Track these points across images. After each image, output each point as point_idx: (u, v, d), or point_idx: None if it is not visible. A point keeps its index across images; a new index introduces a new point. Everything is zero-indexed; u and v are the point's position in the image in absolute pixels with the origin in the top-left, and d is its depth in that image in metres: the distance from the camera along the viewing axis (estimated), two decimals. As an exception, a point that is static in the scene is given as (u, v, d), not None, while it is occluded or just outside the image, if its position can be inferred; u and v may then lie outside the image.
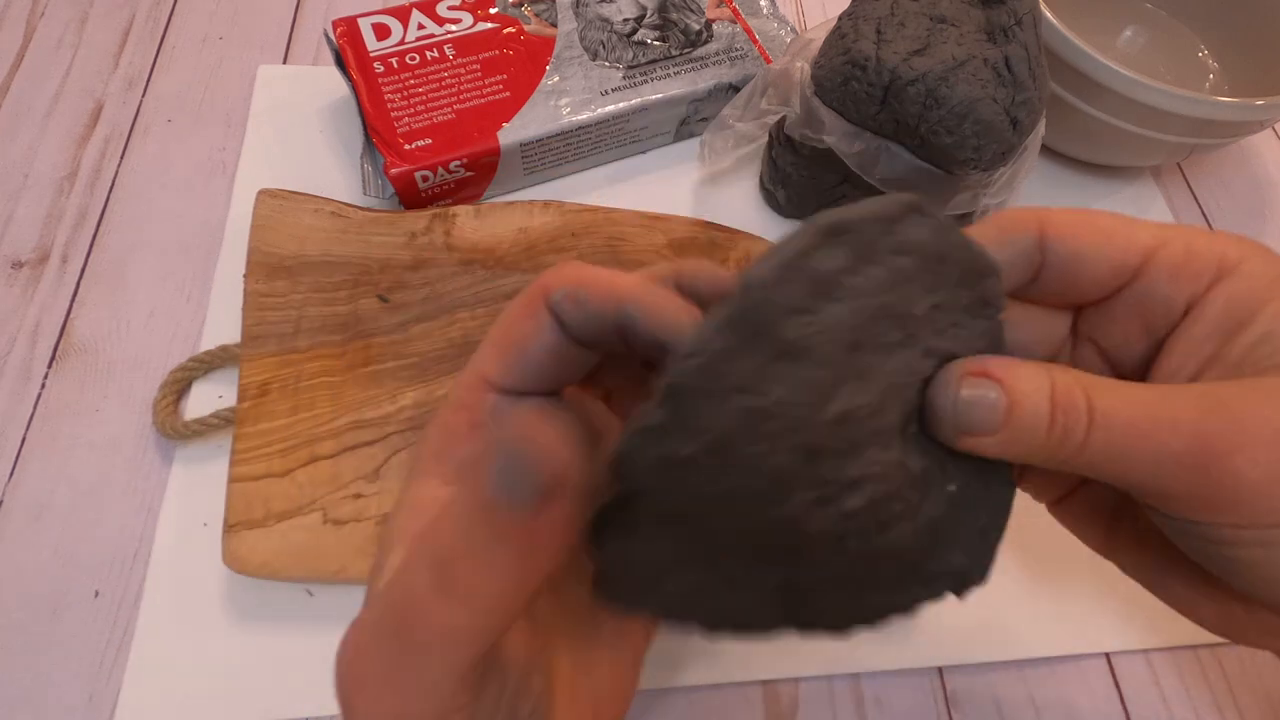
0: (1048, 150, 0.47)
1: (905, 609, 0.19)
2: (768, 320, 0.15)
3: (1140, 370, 0.20)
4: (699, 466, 0.16)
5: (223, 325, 0.37)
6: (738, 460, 0.16)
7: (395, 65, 0.41)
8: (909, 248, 0.17)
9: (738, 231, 0.40)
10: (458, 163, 0.39)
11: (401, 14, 0.43)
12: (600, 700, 0.20)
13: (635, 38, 0.44)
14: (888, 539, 0.18)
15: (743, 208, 0.44)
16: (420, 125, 0.40)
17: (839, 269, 0.16)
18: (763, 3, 0.47)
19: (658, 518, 0.17)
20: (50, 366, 0.36)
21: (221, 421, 0.34)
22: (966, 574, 0.20)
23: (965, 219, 0.39)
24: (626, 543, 0.17)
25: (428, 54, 0.42)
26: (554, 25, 0.44)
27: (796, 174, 0.41)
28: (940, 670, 0.33)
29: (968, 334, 0.18)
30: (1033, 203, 0.45)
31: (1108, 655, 0.34)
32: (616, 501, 0.17)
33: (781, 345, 0.15)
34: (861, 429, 0.17)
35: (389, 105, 0.40)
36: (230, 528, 0.30)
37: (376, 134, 0.39)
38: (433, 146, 0.39)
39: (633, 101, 0.42)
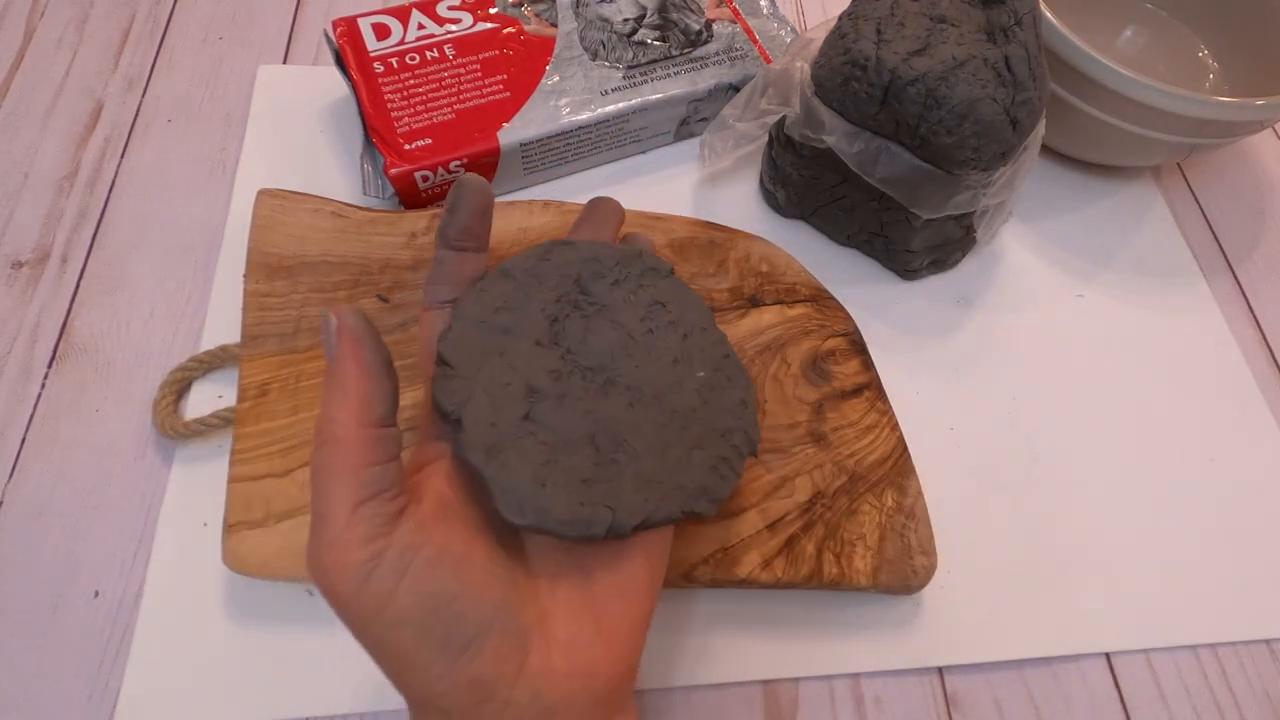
0: (1048, 150, 0.47)
1: (730, 463, 0.26)
2: (482, 317, 0.25)
3: None
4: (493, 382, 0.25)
5: (223, 325, 0.37)
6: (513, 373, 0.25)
7: (395, 65, 0.41)
8: (563, 263, 0.27)
9: (737, 231, 0.40)
10: (458, 163, 0.39)
11: (401, 14, 0.43)
12: (601, 616, 0.23)
13: (635, 38, 0.44)
14: (672, 401, 0.26)
15: (743, 208, 0.44)
16: (420, 125, 0.40)
17: (513, 288, 0.26)
18: (763, 3, 0.47)
19: (495, 436, 0.24)
20: (50, 366, 0.36)
21: (221, 421, 0.34)
22: (746, 432, 0.27)
23: (965, 219, 0.39)
24: (510, 453, 0.23)
25: (428, 54, 0.42)
26: (554, 25, 0.44)
27: (796, 174, 0.41)
28: (940, 670, 0.33)
29: (657, 289, 0.28)
30: (1033, 203, 0.46)
31: (1108, 655, 0.34)
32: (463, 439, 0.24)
33: (500, 327, 0.25)
34: (592, 357, 0.26)
35: (389, 105, 0.40)
36: (230, 528, 0.30)
37: (376, 134, 0.39)
38: (433, 146, 0.39)
39: (633, 101, 0.42)
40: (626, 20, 0.44)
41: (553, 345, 0.26)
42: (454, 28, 0.43)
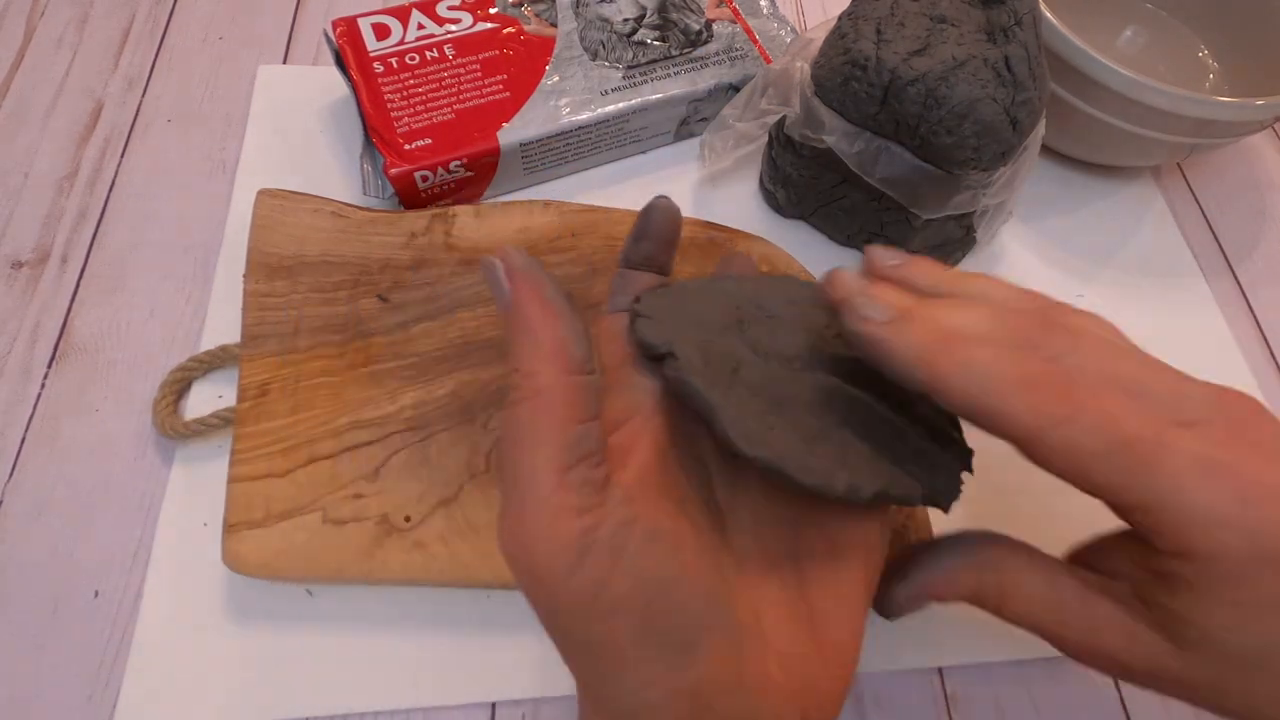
0: (1048, 150, 0.47)
1: (950, 470, 0.24)
2: (665, 313, 0.24)
3: None
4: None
5: (223, 325, 0.37)
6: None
7: (395, 65, 0.41)
8: (733, 285, 0.27)
9: (737, 231, 0.40)
10: (458, 163, 0.39)
11: (401, 14, 0.43)
12: (818, 624, 0.20)
13: (635, 38, 0.44)
14: (876, 402, 0.23)
15: (743, 208, 0.44)
16: (420, 125, 0.40)
17: (690, 295, 0.26)
18: (763, 3, 0.47)
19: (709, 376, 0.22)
20: (50, 366, 0.36)
21: (221, 421, 0.34)
22: (959, 446, 0.25)
23: (965, 219, 0.39)
24: (729, 393, 0.21)
25: (427, 54, 0.42)
26: (554, 25, 0.44)
27: (796, 174, 0.41)
28: (940, 670, 0.33)
29: (828, 311, 0.25)
30: (1033, 203, 0.45)
31: (1108, 655, 0.34)
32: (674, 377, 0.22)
33: (686, 317, 0.24)
34: (784, 349, 0.24)
35: (389, 105, 0.40)
36: (230, 528, 0.30)
37: (376, 134, 0.39)
38: (432, 146, 0.39)
39: (633, 101, 0.42)
40: (626, 20, 0.44)
41: (741, 335, 0.24)
42: (454, 28, 0.43)
